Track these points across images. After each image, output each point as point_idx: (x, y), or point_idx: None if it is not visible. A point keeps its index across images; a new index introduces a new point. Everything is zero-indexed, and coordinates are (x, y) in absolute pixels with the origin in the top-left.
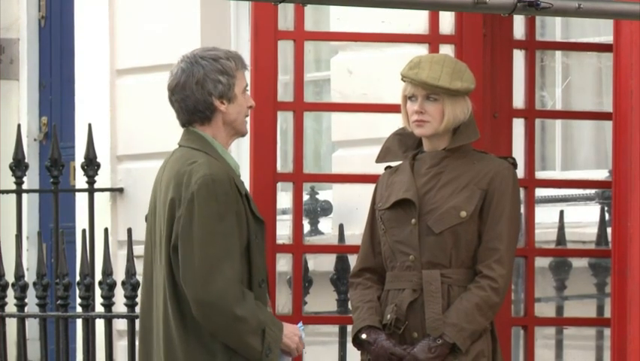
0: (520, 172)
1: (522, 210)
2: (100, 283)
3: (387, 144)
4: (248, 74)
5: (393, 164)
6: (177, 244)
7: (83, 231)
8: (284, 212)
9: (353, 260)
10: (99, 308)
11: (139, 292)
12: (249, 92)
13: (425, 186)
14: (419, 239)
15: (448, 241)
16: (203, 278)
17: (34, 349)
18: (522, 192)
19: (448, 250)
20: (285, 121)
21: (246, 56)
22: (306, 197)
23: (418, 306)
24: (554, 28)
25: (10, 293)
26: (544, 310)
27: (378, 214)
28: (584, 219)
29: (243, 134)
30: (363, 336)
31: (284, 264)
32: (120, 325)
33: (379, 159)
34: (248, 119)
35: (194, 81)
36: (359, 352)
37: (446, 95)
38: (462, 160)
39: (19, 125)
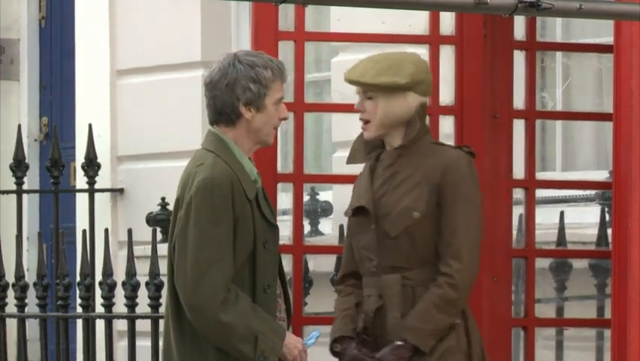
0: (521, 173)
1: (521, 210)
2: (100, 283)
3: (354, 145)
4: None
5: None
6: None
7: (84, 231)
8: (284, 213)
9: None
10: (99, 309)
11: (139, 292)
12: (283, 104)
13: (381, 189)
14: (378, 244)
15: (403, 243)
16: (192, 282)
17: (34, 349)
18: (522, 193)
19: (405, 253)
20: (285, 122)
21: None
22: (306, 198)
23: (384, 312)
24: (555, 29)
25: (11, 294)
26: (545, 311)
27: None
28: (585, 220)
29: (268, 145)
30: (337, 348)
31: (284, 265)
32: (120, 325)
33: (348, 161)
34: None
35: (224, 83)
36: None
37: (381, 92)
38: (416, 157)
39: (19, 126)
